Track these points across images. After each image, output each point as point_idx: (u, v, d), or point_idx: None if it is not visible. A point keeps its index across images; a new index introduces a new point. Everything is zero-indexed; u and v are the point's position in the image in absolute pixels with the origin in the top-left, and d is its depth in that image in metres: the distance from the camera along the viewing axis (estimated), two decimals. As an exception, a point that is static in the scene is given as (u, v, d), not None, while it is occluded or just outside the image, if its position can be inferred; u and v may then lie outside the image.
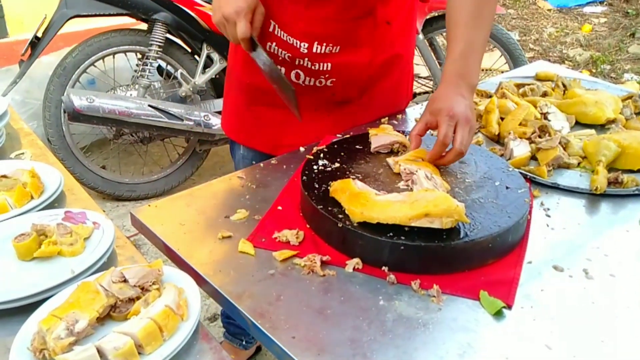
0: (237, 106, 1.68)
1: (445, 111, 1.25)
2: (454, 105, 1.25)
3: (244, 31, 1.37)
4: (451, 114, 1.24)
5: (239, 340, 2.21)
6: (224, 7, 1.36)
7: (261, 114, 1.63)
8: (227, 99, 1.76)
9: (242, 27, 1.36)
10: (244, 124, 1.68)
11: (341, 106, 1.58)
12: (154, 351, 0.88)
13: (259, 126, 1.65)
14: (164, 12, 3.10)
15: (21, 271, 1.08)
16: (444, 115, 1.25)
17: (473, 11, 1.33)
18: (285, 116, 1.57)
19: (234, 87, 1.68)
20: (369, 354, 0.91)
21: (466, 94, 1.29)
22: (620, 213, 1.30)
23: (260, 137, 1.65)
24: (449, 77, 1.32)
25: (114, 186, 3.35)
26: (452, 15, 1.36)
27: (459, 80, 1.31)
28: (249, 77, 1.57)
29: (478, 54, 1.34)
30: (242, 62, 1.59)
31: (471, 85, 1.32)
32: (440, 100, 1.29)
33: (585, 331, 0.97)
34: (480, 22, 1.35)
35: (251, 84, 1.59)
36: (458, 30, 1.34)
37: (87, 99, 2.91)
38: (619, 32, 6.18)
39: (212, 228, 1.21)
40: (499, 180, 1.27)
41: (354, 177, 1.26)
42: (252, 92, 1.61)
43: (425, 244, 1.06)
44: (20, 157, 1.52)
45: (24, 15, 3.80)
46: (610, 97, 1.69)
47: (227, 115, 1.76)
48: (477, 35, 1.34)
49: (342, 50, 1.49)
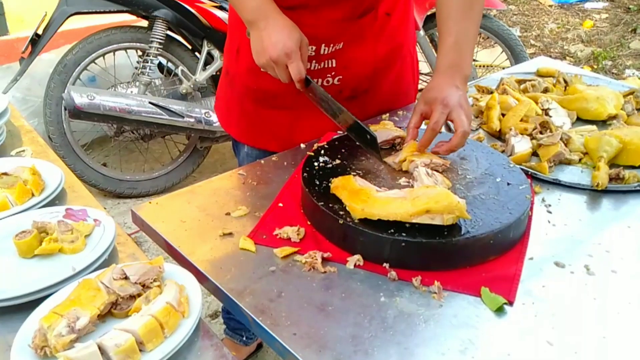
0: (244, 110, 1.66)
1: (439, 100, 1.29)
2: (447, 95, 1.29)
3: (298, 72, 1.31)
4: (445, 102, 1.28)
5: (239, 335, 2.21)
6: (270, 50, 1.30)
7: (270, 117, 1.61)
8: (229, 103, 1.72)
9: (296, 69, 1.31)
10: (252, 127, 1.67)
11: (350, 101, 1.58)
12: (155, 348, 0.88)
13: (268, 128, 1.63)
14: (164, 9, 3.10)
15: (22, 269, 1.08)
16: (437, 104, 1.29)
17: (463, 4, 1.36)
18: (294, 116, 1.57)
19: (238, 91, 1.64)
20: (370, 351, 0.91)
21: (460, 85, 1.32)
22: (621, 209, 1.30)
23: (270, 138, 1.64)
24: (442, 68, 1.35)
25: (114, 183, 3.35)
26: (443, 9, 1.39)
27: (452, 71, 1.34)
28: (255, 82, 1.53)
29: (470, 46, 1.38)
30: (246, 68, 1.56)
31: (464, 75, 1.35)
32: (434, 90, 1.32)
33: (586, 327, 0.97)
34: (471, 14, 1.38)
35: (259, 89, 1.57)
36: (449, 22, 1.37)
37: (87, 96, 2.91)
38: (621, 28, 6.16)
39: (213, 225, 1.21)
40: (500, 177, 1.27)
41: (354, 173, 1.25)
42: (259, 96, 1.59)
43: (426, 240, 1.06)
44: (21, 155, 1.52)
45: (25, 12, 3.79)
46: (612, 93, 1.68)
47: (232, 119, 1.72)
48: (468, 27, 1.37)
49: (346, 46, 1.49)
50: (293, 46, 1.30)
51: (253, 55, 1.36)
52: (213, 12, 3.16)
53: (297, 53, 1.31)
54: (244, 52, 1.43)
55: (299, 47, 1.32)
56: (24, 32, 3.72)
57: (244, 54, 1.42)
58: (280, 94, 1.47)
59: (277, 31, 1.31)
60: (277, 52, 1.30)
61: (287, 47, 1.29)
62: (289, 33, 1.31)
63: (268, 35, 1.31)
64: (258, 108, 1.62)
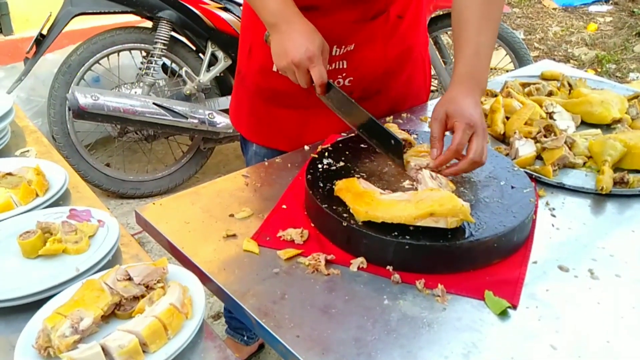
0: (254, 108, 1.66)
1: (465, 118, 1.22)
2: (472, 113, 1.23)
3: (320, 77, 1.31)
4: (471, 123, 1.21)
5: (240, 335, 2.22)
6: (292, 53, 1.29)
7: (281, 116, 1.61)
8: (240, 102, 1.72)
9: (318, 73, 1.30)
10: (263, 126, 1.67)
11: (360, 103, 1.57)
12: (158, 349, 0.88)
13: (279, 127, 1.63)
14: (168, 10, 3.10)
15: (26, 269, 1.08)
16: (463, 122, 1.22)
17: (482, 12, 1.31)
18: (305, 116, 1.57)
19: (249, 90, 1.65)
20: (374, 354, 0.91)
21: (479, 99, 1.28)
22: (626, 213, 1.30)
23: (281, 138, 1.64)
24: (461, 78, 1.30)
25: (118, 184, 3.35)
26: (461, 16, 1.34)
27: (471, 83, 1.28)
28: (266, 81, 1.53)
29: (489, 56, 1.33)
30: (258, 67, 1.56)
31: (482, 89, 1.31)
32: (456, 103, 1.26)
33: (590, 331, 0.97)
34: (490, 23, 1.33)
35: (270, 88, 1.57)
36: (468, 31, 1.31)
37: (91, 97, 2.92)
38: (625, 31, 6.15)
39: (216, 226, 1.21)
40: (504, 180, 1.27)
41: (358, 176, 1.25)
42: (271, 95, 1.59)
43: (430, 243, 1.06)
44: (26, 155, 1.52)
45: (29, 12, 3.80)
46: (616, 97, 1.68)
47: (242, 117, 1.73)
48: (487, 37, 1.32)
49: (357, 47, 1.49)
50: (315, 50, 1.29)
51: (273, 58, 1.35)
52: (217, 14, 3.16)
53: (320, 57, 1.31)
54: (256, 51, 1.43)
55: (321, 52, 1.31)
56: (28, 32, 3.73)
57: (256, 54, 1.42)
58: (291, 94, 1.47)
59: (299, 35, 1.30)
60: (300, 55, 1.29)
61: (309, 51, 1.29)
62: (312, 37, 1.31)
63: (290, 38, 1.30)
64: (269, 107, 1.62)
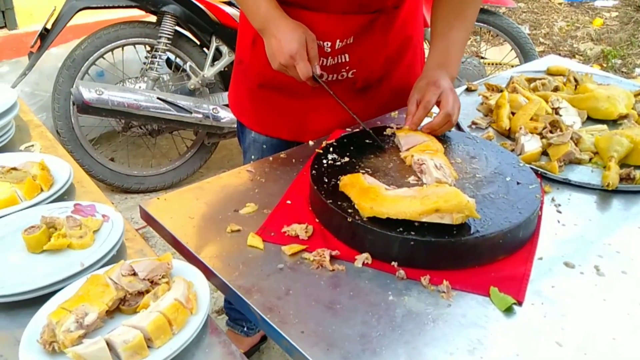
0: (257, 98, 1.66)
1: (431, 83, 1.41)
2: (439, 79, 1.41)
3: (304, 72, 1.36)
4: (437, 84, 1.40)
5: (240, 326, 2.22)
6: (278, 56, 1.36)
7: (284, 104, 1.62)
8: (241, 91, 1.73)
9: (302, 69, 1.36)
10: (264, 115, 1.68)
11: (363, 92, 1.60)
12: (163, 345, 0.88)
13: (282, 116, 1.64)
14: (173, 5, 3.10)
15: (31, 264, 1.09)
16: (430, 86, 1.40)
17: (457, 9, 1.50)
18: (308, 105, 1.59)
19: (252, 79, 1.65)
20: (378, 350, 0.91)
21: (448, 79, 1.43)
22: (632, 209, 1.29)
23: (284, 126, 1.65)
24: (431, 66, 1.48)
25: (122, 178, 3.36)
26: (437, 11, 1.53)
27: (440, 69, 1.45)
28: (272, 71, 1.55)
29: (459, 50, 1.51)
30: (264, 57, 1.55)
31: (452, 76, 1.46)
32: (424, 79, 1.44)
33: (596, 328, 0.97)
34: (463, 21, 1.50)
35: (275, 77, 1.56)
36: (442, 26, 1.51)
37: (96, 91, 2.92)
38: (631, 26, 6.12)
39: (221, 222, 1.21)
40: (509, 176, 1.26)
41: (363, 171, 1.25)
42: (275, 84, 1.59)
43: (435, 239, 1.06)
44: (30, 150, 1.52)
45: (34, 7, 3.80)
46: (623, 92, 1.67)
47: (244, 106, 1.73)
48: (459, 33, 1.50)
49: (357, 40, 1.50)
50: (295, 47, 1.34)
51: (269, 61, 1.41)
52: (222, 8, 3.16)
53: (301, 53, 1.35)
54: (260, 42, 1.45)
55: (303, 46, 1.35)
56: (33, 26, 3.73)
57: (260, 44, 1.44)
58: (296, 82, 1.48)
59: (283, 35, 1.36)
60: (284, 56, 1.36)
61: (290, 49, 1.35)
62: (291, 34, 1.35)
63: (276, 40, 1.36)
64: (272, 96, 1.63)
